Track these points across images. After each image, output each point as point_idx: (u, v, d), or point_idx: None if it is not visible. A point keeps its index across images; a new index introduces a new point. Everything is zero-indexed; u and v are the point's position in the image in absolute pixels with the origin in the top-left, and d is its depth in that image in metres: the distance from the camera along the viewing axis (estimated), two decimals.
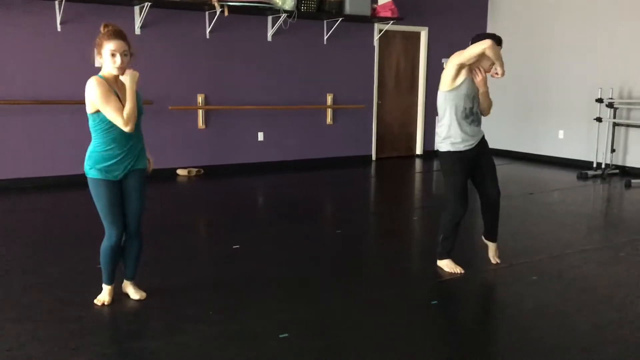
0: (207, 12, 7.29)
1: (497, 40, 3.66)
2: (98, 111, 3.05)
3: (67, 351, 2.74)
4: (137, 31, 6.98)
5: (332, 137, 8.68)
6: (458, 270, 3.89)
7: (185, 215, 5.61)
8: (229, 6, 7.05)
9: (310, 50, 8.24)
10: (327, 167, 8.44)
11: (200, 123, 7.56)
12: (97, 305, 3.24)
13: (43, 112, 6.47)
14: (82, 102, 3.22)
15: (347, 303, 3.38)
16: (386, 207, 6.36)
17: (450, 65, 3.65)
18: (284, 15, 7.55)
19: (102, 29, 3.09)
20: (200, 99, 7.49)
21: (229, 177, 7.54)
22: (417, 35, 9.28)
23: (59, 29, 6.53)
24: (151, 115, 7.12)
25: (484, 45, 3.51)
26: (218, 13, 7.07)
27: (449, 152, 3.77)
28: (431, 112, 9.37)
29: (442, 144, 3.79)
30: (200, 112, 7.52)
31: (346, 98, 8.65)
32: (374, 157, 9.15)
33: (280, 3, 7.46)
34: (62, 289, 3.52)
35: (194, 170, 7.47)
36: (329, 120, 8.60)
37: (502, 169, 8.49)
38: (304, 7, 7.68)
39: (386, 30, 8.76)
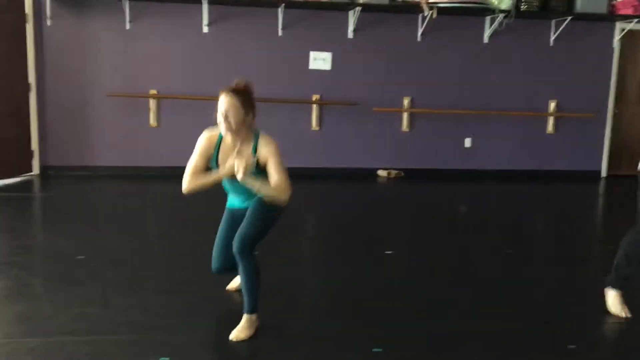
0: (419, 15, 7.24)
1: None
2: None
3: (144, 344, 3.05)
4: (350, 35, 7.27)
5: (552, 148, 7.88)
6: (624, 313, 3.24)
7: (364, 215, 5.70)
8: (439, 8, 6.90)
9: (532, 52, 7.59)
10: (543, 180, 7.70)
11: (405, 126, 7.55)
12: None
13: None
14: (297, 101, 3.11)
15: (454, 330, 3.07)
16: (598, 233, 5.57)
17: None
18: (500, 15, 7.09)
19: None
20: (406, 101, 7.48)
21: (429, 182, 7.40)
22: None
23: (280, 34, 7.16)
24: (355, 115, 7.41)
25: None
26: (427, 15, 6.97)
27: None
28: None
29: None
30: (405, 114, 7.51)
31: (572, 105, 7.76)
32: (604, 174, 8.05)
33: (496, 2, 7.03)
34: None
35: (393, 172, 7.50)
36: (549, 128, 7.82)
37: None
38: (524, 5, 7.11)
39: (630, 30, 7.59)
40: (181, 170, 3.01)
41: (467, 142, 7.72)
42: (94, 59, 6.93)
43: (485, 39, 7.48)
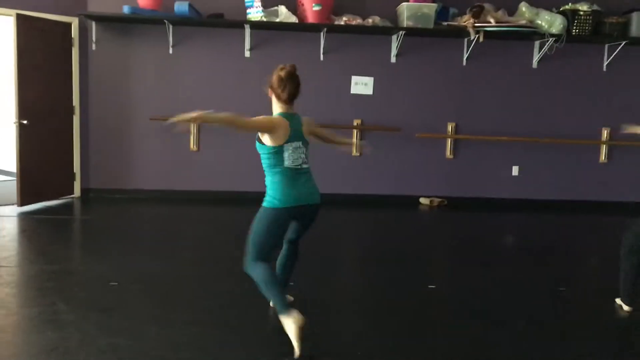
0: (465, 39, 7.04)
1: None
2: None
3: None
4: (393, 59, 7.12)
5: (605, 178, 7.49)
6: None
7: (405, 245, 5.47)
8: (486, 31, 6.69)
9: (584, 77, 7.28)
10: (595, 211, 7.30)
11: (449, 152, 7.31)
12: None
13: None
14: (338, 126, 3.45)
15: None
16: None
17: None
18: (550, 39, 6.83)
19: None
20: (450, 127, 7.26)
21: (473, 211, 7.11)
22: None
23: (321, 58, 7.06)
24: (397, 141, 7.23)
25: None
26: (473, 39, 6.77)
27: None
28: None
29: None
30: (449, 141, 7.28)
31: (627, 134, 7.36)
32: None
33: (546, 26, 6.78)
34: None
35: (436, 200, 7.25)
36: (602, 157, 7.45)
37: None
38: (576, 30, 6.83)
39: None
40: (220, 194, 2.94)
41: (515, 170, 7.42)
42: (137, 83, 6.98)
43: (534, 64, 7.22)
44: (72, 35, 6.69)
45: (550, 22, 6.77)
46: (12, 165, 6.98)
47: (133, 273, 4.22)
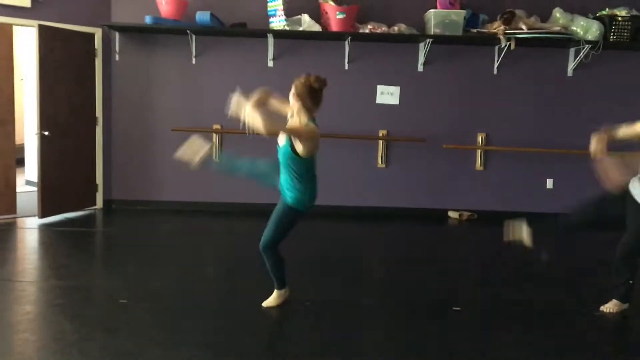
0: (496, 47, 6.78)
1: None
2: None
3: None
4: (420, 68, 6.90)
5: None
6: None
7: (432, 261, 5.22)
8: (518, 38, 6.42)
9: (622, 86, 6.92)
10: None
11: (478, 164, 7.03)
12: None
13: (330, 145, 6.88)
14: (363, 137, 3.50)
15: None
16: None
17: None
18: (586, 46, 6.51)
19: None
20: (480, 138, 6.98)
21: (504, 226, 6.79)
22: None
23: (346, 67, 6.88)
24: (424, 153, 6.99)
25: None
26: (504, 47, 6.50)
27: None
28: None
29: None
30: (479, 152, 7.00)
31: None
32: None
33: (581, 33, 6.47)
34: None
35: (465, 214, 6.97)
36: None
37: None
38: (614, 36, 6.50)
39: None
40: (243, 206, 2.90)
41: (549, 183, 7.10)
42: (160, 94, 6.91)
43: (569, 72, 6.90)
44: (95, 46, 6.67)
45: (586, 28, 6.45)
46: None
47: (144, 290, 4.10)
